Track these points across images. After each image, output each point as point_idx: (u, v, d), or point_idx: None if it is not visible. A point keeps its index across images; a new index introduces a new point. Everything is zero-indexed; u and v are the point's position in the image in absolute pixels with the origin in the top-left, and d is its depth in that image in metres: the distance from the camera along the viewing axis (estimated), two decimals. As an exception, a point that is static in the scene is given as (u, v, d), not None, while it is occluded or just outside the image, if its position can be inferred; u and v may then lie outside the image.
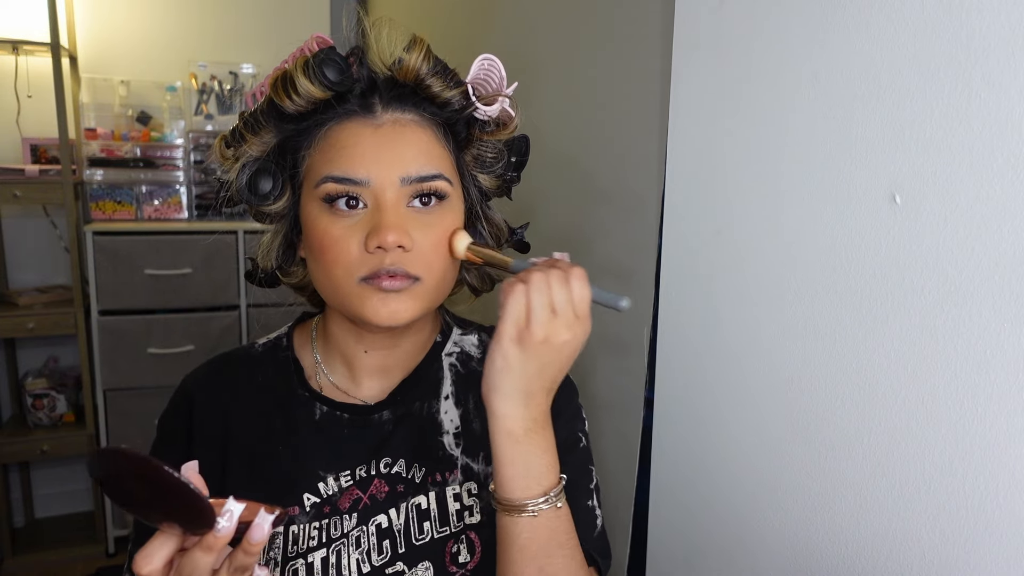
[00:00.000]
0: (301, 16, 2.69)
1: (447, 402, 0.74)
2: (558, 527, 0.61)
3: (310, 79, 0.62)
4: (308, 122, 0.65)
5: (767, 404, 0.80)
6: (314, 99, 0.63)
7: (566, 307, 0.57)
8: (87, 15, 2.44)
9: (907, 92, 0.63)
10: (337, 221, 0.63)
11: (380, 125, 0.64)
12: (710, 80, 0.87)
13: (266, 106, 0.66)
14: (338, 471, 0.70)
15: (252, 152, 0.67)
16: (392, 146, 0.63)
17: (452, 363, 0.76)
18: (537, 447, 0.60)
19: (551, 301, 0.57)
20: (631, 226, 1.11)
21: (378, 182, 0.62)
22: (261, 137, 0.66)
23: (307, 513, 0.68)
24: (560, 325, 0.57)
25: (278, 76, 0.64)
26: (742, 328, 0.84)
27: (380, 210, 0.62)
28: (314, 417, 0.72)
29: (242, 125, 0.67)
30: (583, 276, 0.59)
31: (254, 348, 0.78)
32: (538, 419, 0.60)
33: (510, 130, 0.71)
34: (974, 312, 0.59)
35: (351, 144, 0.63)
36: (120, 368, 2.30)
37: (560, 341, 0.57)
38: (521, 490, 0.59)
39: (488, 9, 1.65)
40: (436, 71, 0.65)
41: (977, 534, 0.59)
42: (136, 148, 2.46)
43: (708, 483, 0.91)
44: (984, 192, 0.57)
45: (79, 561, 2.38)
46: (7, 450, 2.29)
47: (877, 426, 0.67)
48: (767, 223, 0.79)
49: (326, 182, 0.63)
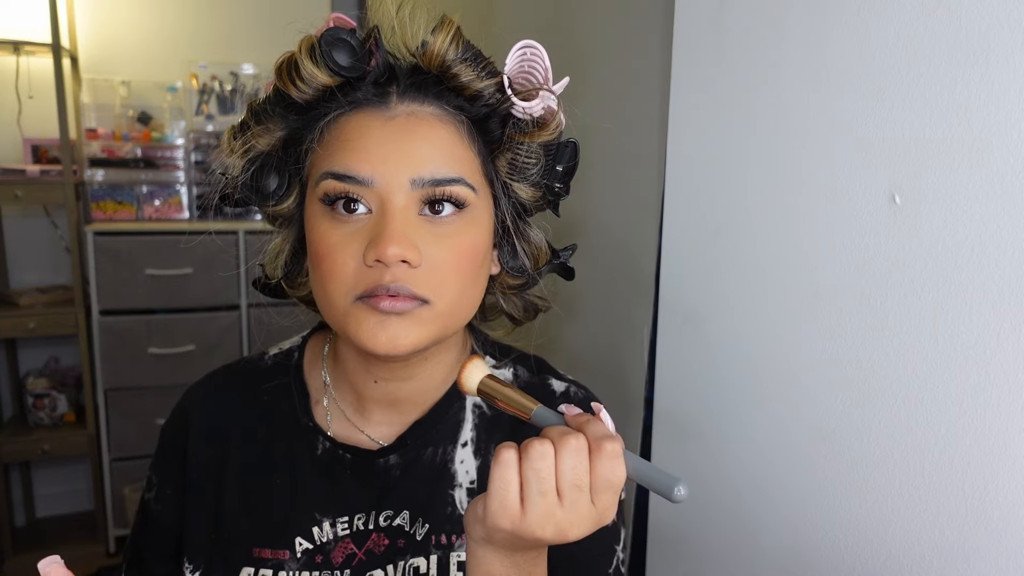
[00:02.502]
0: (301, 16, 2.68)
1: (464, 450, 0.64)
2: None
3: (316, 63, 0.54)
4: (316, 112, 0.57)
5: (767, 404, 0.80)
6: (321, 86, 0.55)
7: (579, 492, 0.44)
8: (88, 15, 2.44)
9: (907, 92, 0.63)
10: (336, 226, 0.54)
11: (392, 117, 0.54)
12: (710, 80, 0.87)
13: (272, 94, 0.58)
14: (335, 516, 0.62)
15: (259, 145, 0.58)
16: (404, 142, 0.54)
17: (477, 403, 0.65)
18: None
19: (558, 484, 0.44)
20: (631, 226, 1.10)
21: (384, 183, 0.53)
22: (267, 129, 0.58)
23: (297, 560, 0.61)
24: (570, 514, 0.44)
25: (283, 60, 0.56)
26: (741, 328, 0.84)
27: (384, 216, 0.53)
28: (315, 452, 0.64)
29: (249, 115, 0.59)
30: (618, 453, 0.45)
31: (263, 361, 0.71)
32: (519, 567, 0.49)
33: (550, 130, 0.59)
34: (974, 312, 0.59)
35: (356, 137, 0.54)
36: (120, 368, 2.30)
37: (561, 534, 0.45)
38: None
39: (488, 9, 1.65)
40: (465, 58, 0.54)
41: (977, 534, 0.59)
42: (137, 148, 2.46)
43: (708, 483, 0.90)
44: (984, 192, 0.57)
45: (79, 561, 2.38)
46: (8, 450, 2.29)
47: (877, 426, 0.67)
48: (767, 223, 0.79)
49: (325, 179, 0.54)
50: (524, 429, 0.57)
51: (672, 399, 0.97)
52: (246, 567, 0.62)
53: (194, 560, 0.64)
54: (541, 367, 0.70)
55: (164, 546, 0.68)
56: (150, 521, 0.69)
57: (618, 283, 1.14)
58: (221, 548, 0.63)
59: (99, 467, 2.36)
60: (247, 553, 0.62)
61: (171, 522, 0.67)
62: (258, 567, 0.62)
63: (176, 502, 0.67)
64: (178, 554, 0.66)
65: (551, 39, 1.37)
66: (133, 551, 0.70)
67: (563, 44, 1.31)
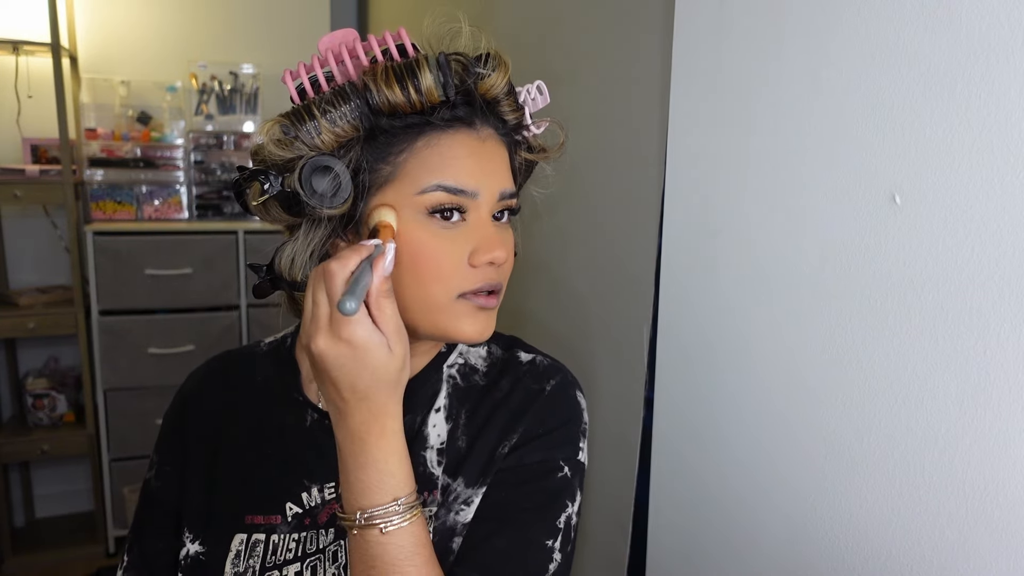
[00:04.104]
0: (301, 16, 2.69)
1: (437, 415, 0.70)
2: (378, 553, 0.56)
3: (435, 79, 0.59)
4: (411, 119, 0.61)
5: (767, 404, 0.80)
6: (431, 100, 0.60)
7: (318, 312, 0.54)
8: (87, 15, 2.44)
9: (907, 92, 0.63)
10: (441, 232, 0.60)
11: (484, 139, 0.63)
12: (710, 80, 0.87)
13: (355, 97, 0.59)
14: (323, 482, 0.68)
15: (322, 143, 0.59)
16: (494, 161, 0.63)
17: (452, 375, 0.72)
18: (354, 460, 0.57)
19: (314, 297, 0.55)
20: (631, 226, 1.10)
21: (484, 195, 0.62)
22: (338, 128, 0.59)
23: (288, 523, 0.67)
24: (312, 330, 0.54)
25: (391, 68, 0.59)
26: (741, 328, 0.84)
27: (484, 224, 0.62)
28: (304, 424, 0.70)
29: (318, 111, 0.59)
30: (331, 271, 0.54)
31: (259, 347, 0.77)
32: (346, 429, 0.57)
33: (558, 152, 0.72)
34: (974, 312, 0.59)
35: (463, 155, 0.61)
36: (120, 368, 2.30)
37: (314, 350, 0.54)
38: (347, 503, 0.57)
39: (488, 10, 1.65)
40: (508, 92, 0.65)
41: (977, 534, 0.59)
42: (136, 148, 2.46)
43: (708, 483, 0.91)
44: (984, 192, 0.57)
45: (79, 561, 2.38)
46: (7, 450, 2.30)
47: (877, 426, 0.67)
48: (767, 223, 0.79)
49: (436, 191, 0.60)
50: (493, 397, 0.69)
51: (672, 399, 0.97)
52: (239, 533, 0.68)
53: (193, 529, 0.70)
54: (513, 343, 0.76)
55: (163, 521, 0.72)
56: (150, 498, 0.74)
57: (618, 283, 1.14)
58: (216, 517, 0.69)
59: (99, 467, 2.36)
60: (240, 520, 0.68)
61: (170, 498, 0.72)
62: (251, 532, 0.67)
63: (175, 478, 0.72)
64: (177, 529, 0.71)
65: (551, 39, 1.37)
66: (135, 530, 0.75)
67: (563, 44, 1.31)
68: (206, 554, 0.68)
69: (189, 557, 0.69)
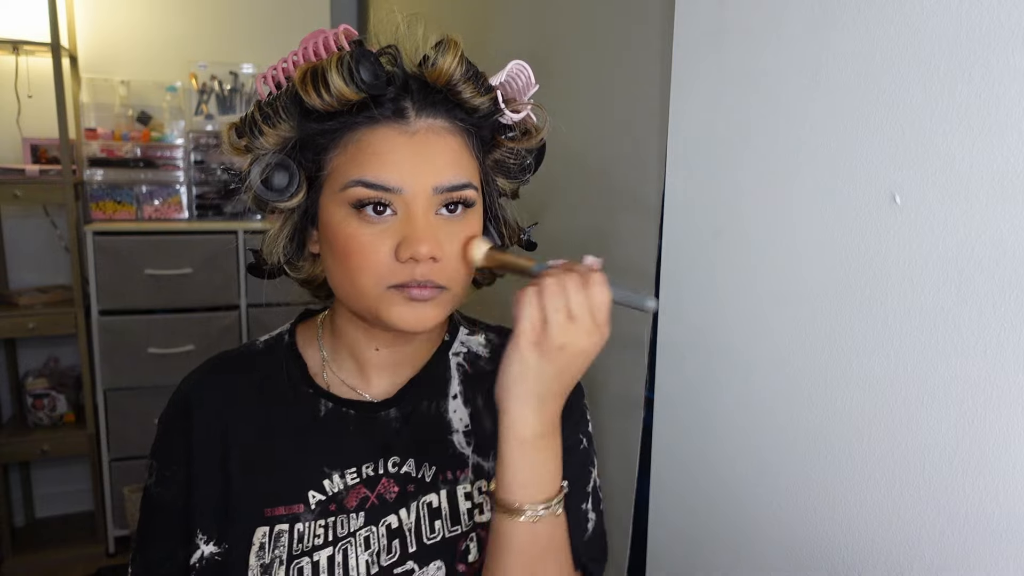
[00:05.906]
0: (301, 16, 2.69)
1: (455, 401, 0.74)
2: (555, 534, 0.62)
3: (344, 79, 0.59)
4: (333, 122, 0.63)
5: (767, 404, 0.80)
6: (345, 100, 0.60)
7: (584, 313, 0.57)
8: (87, 15, 2.44)
9: (907, 91, 0.63)
10: (365, 227, 0.61)
11: (414, 133, 0.63)
12: (710, 80, 0.87)
13: (288, 100, 0.63)
14: (344, 468, 0.69)
15: (267, 145, 0.64)
16: (426, 154, 0.62)
17: (459, 363, 0.76)
18: (545, 454, 0.60)
19: (568, 306, 0.57)
20: (631, 226, 1.10)
21: (411, 191, 0.61)
22: (278, 131, 0.63)
23: (312, 511, 0.68)
24: (579, 331, 0.57)
25: (308, 70, 0.61)
26: (742, 328, 0.84)
27: (412, 219, 0.61)
28: (319, 414, 0.71)
29: (259, 116, 0.64)
30: (603, 281, 0.58)
31: (255, 345, 0.78)
32: (548, 425, 0.60)
33: (538, 139, 0.71)
34: (974, 312, 0.59)
35: (385, 151, 0.61)
36: (120, 368, 2.30)
37: (578, 348, 0.57)
38: (524, 495, 0.60)
39: (488, 10, 1.65)
40: (469, 76, 0.63)
41: (977, 534, 0.59)
42: (136, 148, 2.46)
43: (708, 483, 0.91)
44: (984, 192, 0.57)
45: (79, 561, 2.38)
46: (7, 450, 2.29)
47: (877, 426, 0.67)
48: (767, 223, 0.79)
49: (356, 186, 0.61)
50: None
51: (672, 399, 0.97)
52: (261, 527, 0.67)
53: (207, 531, 0.68)
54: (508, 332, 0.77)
55: (167, 526, 0.71)
56: (152, 505, 0.73)
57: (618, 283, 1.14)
58: (234, 515, 0.68)
59: (99, 467, 2.36)
60: (259, 515, 0.68)
61: (173, 503, 0.71)
62: (273, 524, 0.67)
63: (178, 482, 0.71)
64: (186, 533, 0.70)
65: (551, 39, 1.37)
66: (139, 540, 0.74)
67: (563, 44, 1.31)
68: (223, 553, 0.67)
69: (204, 559, 0.68)
